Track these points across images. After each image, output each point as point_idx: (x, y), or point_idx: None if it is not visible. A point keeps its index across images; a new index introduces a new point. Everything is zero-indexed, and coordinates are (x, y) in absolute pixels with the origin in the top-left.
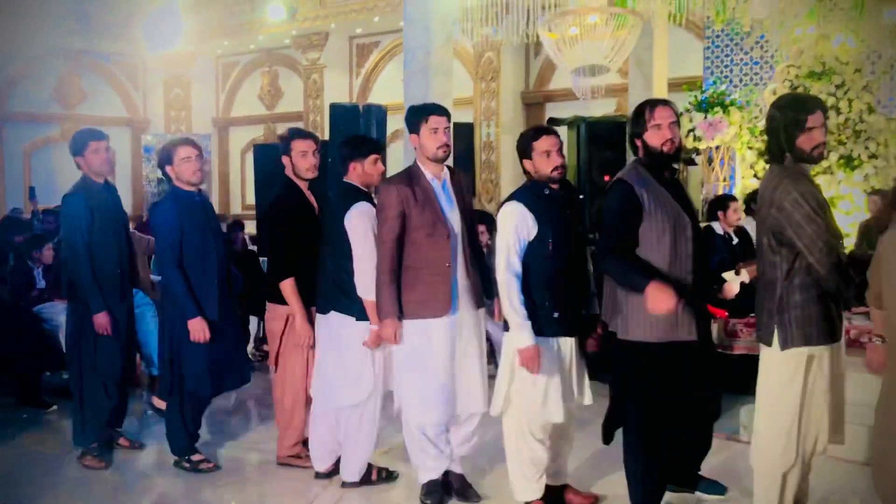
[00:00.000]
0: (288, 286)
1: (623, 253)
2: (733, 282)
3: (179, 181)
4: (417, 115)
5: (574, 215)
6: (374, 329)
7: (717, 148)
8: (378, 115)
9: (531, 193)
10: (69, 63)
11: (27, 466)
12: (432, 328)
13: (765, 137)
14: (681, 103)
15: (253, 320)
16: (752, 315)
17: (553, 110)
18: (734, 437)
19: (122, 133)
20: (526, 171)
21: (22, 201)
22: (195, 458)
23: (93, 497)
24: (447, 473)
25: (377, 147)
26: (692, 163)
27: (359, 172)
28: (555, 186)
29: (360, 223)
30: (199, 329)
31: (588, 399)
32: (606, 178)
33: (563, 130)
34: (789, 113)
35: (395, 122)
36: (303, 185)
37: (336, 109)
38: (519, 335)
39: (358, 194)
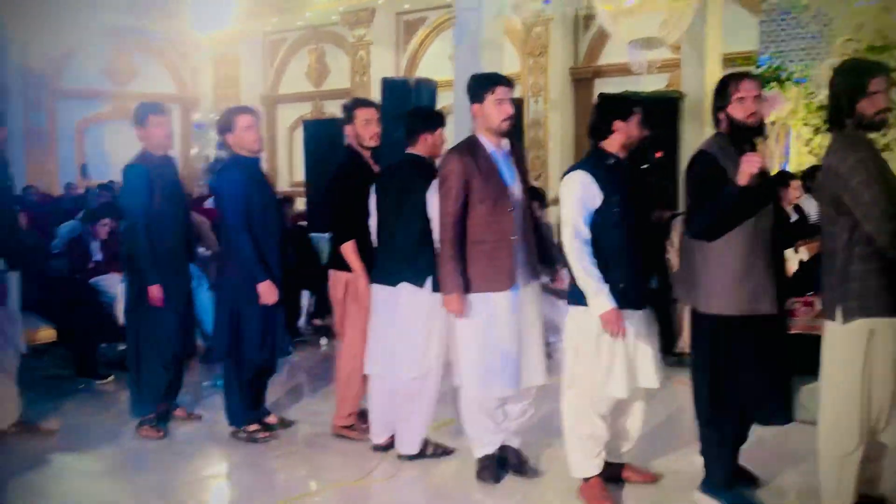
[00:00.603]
0: (349, 248)
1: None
2: (792, 259)
3: (240, 149)
4: (483, 85)
5: (639, 186)
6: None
7: (773, 124)
8: (429, 89)
9: (595, 162)
10: (120, 41)
11: (87, 436)
12: (495, 302)
13: (822, 114)
14: None
15: (302, 297)
16: (811, 294)
17: (602, 86)
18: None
19: (171, 111)
20: (598, 144)
21: (74, 177)
22: (251, 428)
23: (151, 467)
24: (503, 448)
25: (444, 120)
26: None
27: (428, 144)
28: (620, 156)
29: None
30: (268, 292)
31: (654, 381)
32: (658, 154)
33: None
34: (851, 77)
35: (443, 98)
36: (365, 154)
37: (388, 84)
38: (597, 301)
39: (427, 166)
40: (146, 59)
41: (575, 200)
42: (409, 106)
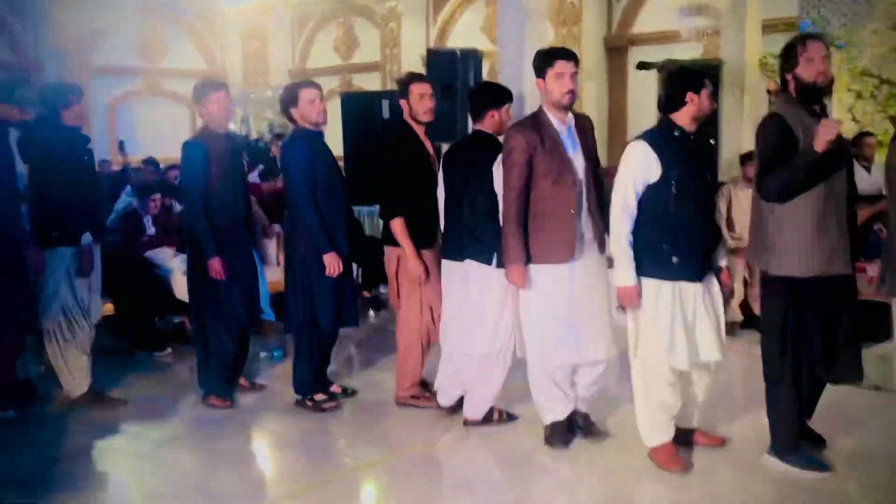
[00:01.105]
0: (398, 225)
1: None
2: None
3: (304, 122)
4: (544, 60)
5: (705, 161)
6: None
7: None
8: (476, 61)
9: (660, 134)
10: (151, 17)
11: (153, 407)
12: (556, 273)
13: (864, 79)
14: (777, 45)
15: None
16: (862, 260)
17: (636, 55)
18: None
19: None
20: (667, 115)
21: (108, 154)
22: (318, 397)
23: (221, 435)
24: (573, 412)
25: (511, 96)
26: None
27: (495, 121)
28: (689, 130)
29: None
30: (333, 263)
31: (715, 354)
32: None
33: (653, 74)
34: None
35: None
36: (419, 130)
37: (434, 56)
38: (620, 273)
39: (494, 143)
40: (176, 35)
41: (629, 171)
42: (456, 77)
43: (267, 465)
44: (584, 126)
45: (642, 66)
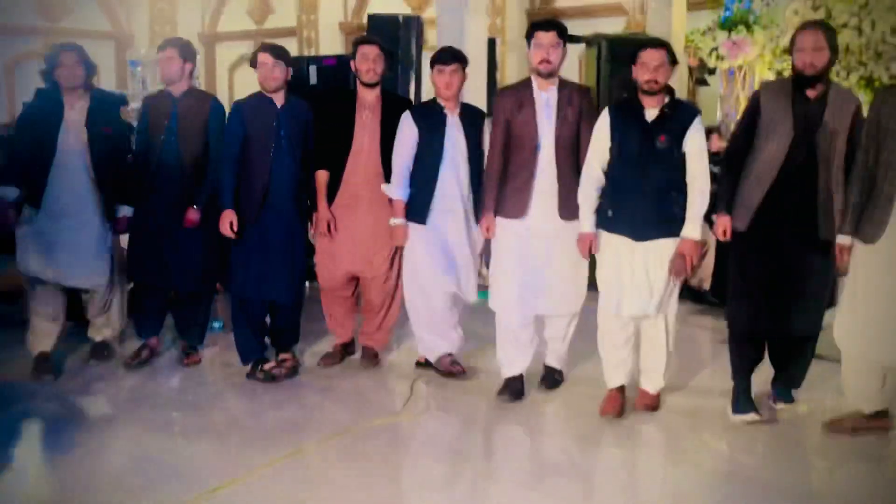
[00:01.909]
0: (319, 176)
1: (729, 162)
2: None
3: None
4: (528, 31)
5: (663, 131)
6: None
7: (740, 68)
8: (418, 27)
9: (623, 104)
10: None
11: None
12: (514, 228)
13: (786, 58)
14: (703, 22)
15: None
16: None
17: None
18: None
19: (105, 47)
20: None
21: (5, 116)
22: (267, 366)
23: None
24: (544, 367)
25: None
26: (704, 83)
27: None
28: (644, 101)
29: None
30: (223, 221)
31: (634, 310)
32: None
33: (581, 48)
34: None
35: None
36: (365, 92)
37: (375, 21)
38: (580, 224)
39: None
40: None
41: (594, 137)
42: (398, 43)
43: (213, 443)
44: (571, 97)
45: (571, 38)
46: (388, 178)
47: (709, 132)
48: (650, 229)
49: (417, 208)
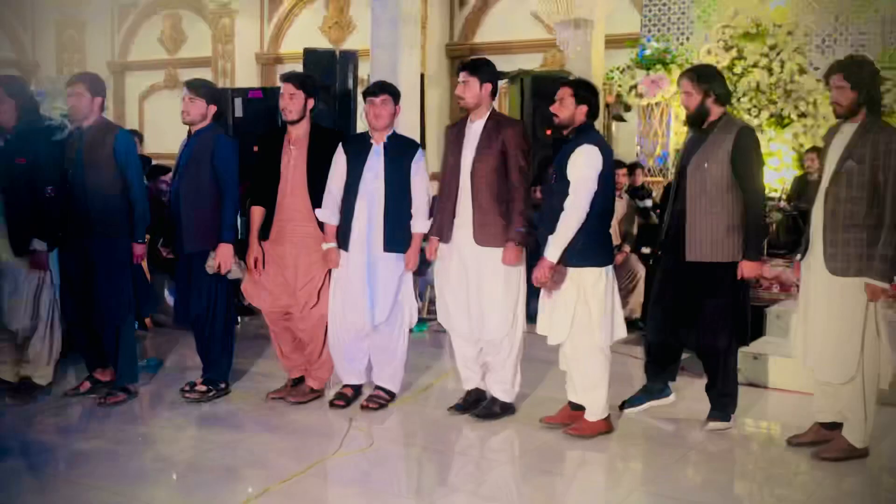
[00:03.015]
0: (252, 213)
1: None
2: None
3: None
4: None
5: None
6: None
7: (657, 104)
8: (353, 62)
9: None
10: None
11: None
12: (441, 250)
13: None
14: (622, 59)
15: None
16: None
17: None
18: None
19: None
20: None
21: None
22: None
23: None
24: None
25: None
26: (620, 119)
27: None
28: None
29: None
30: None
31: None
32: (549, 132)
33: (504, 84)
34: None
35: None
36: (292, 129)
37: (311, 56)
38: (552, 251)
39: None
40: None
41: (594, 173)
42: (334, 78)
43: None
44: (495, 128)
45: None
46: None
47: (633, 167)
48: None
49: (339, 235)
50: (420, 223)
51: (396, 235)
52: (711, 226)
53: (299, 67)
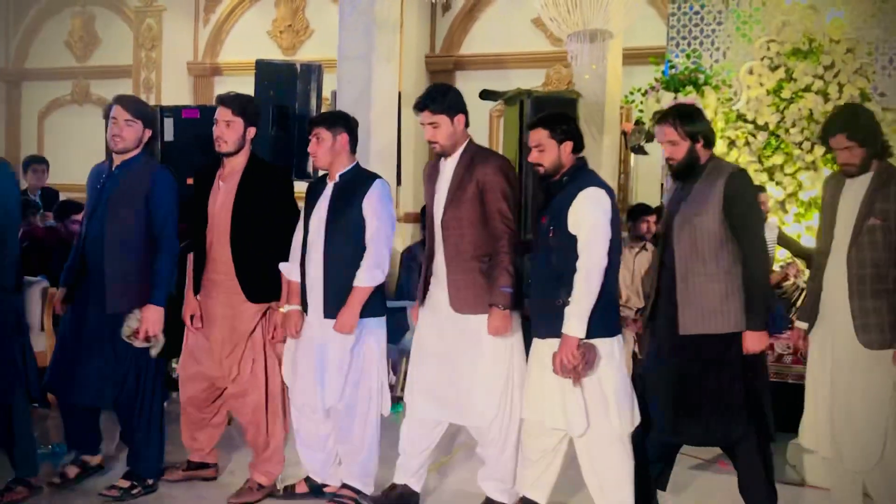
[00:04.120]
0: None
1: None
2: None
3: None
4: None
5: (543, 211)
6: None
7: None
8: (318, 76)
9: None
10: None
11: None
12: (420, 316)
13: (741, 125)
14: (643, 78)
15: None
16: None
17: (465, 80)
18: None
19: None
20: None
21: None
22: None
23: None
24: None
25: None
26: (641, 151)
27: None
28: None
29: None
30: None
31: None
32: None
33: (486, 105)
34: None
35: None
36: (227, 162)
37: (264, 68)
38: (578, 324)
39: None
40: None
41: (606, 220)
42: (294, 97)
43: None
44: (469, 167)
45: (487, 95)
46: (240, 263)
47: (660, 211)
48: (539, 325)
49: (302, 294)
50: (365, 275)
51: (341, 298)
52: (707, 290)
53: (243, 82)
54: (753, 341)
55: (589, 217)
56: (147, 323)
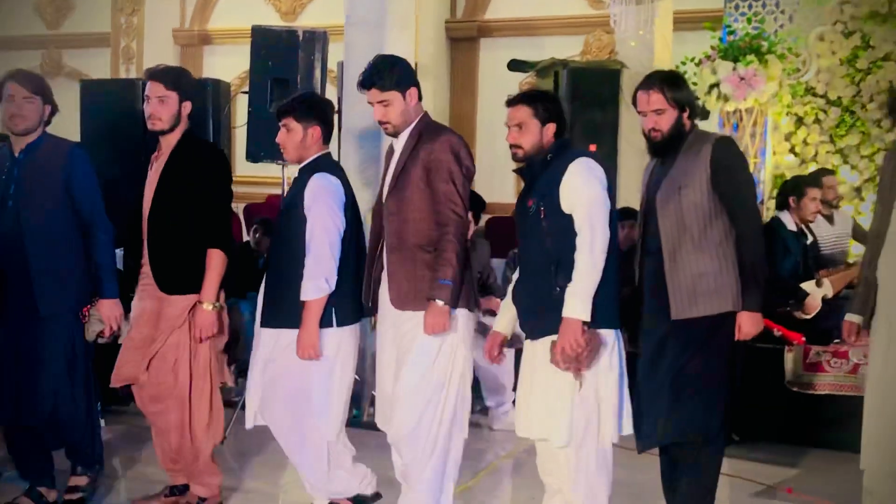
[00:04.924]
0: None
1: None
2: (815, 295)
3: None
4: None
5: (526, 191)
6: None
7: (749, 111)
8: (322, 44)
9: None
10: None
11: None
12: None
13: (809, 99)
14: (697, 46)
15: None
16: (837, 341)
17: (491, 49)
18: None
19: None
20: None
21: None
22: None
23: None
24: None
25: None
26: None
27: None
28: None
29: None
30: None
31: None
32: (593, 147)
33: (515, 76)
34: None
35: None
36: (163, 139)
37: (262, 35)
38: (581, 304)
39: None
40: None
41: (604, 193)
42: (294, 68)
43: None
44: (417, 145)
45: (515, 65)
46: (154, 249)
47: None
48: (531, 325)
49: None
50: (309, 287)
51: (275, 305)
52: (698, 269)
53: (237, 51)
54: (749, 323)
55: (585, 189)
56: (109, 319)
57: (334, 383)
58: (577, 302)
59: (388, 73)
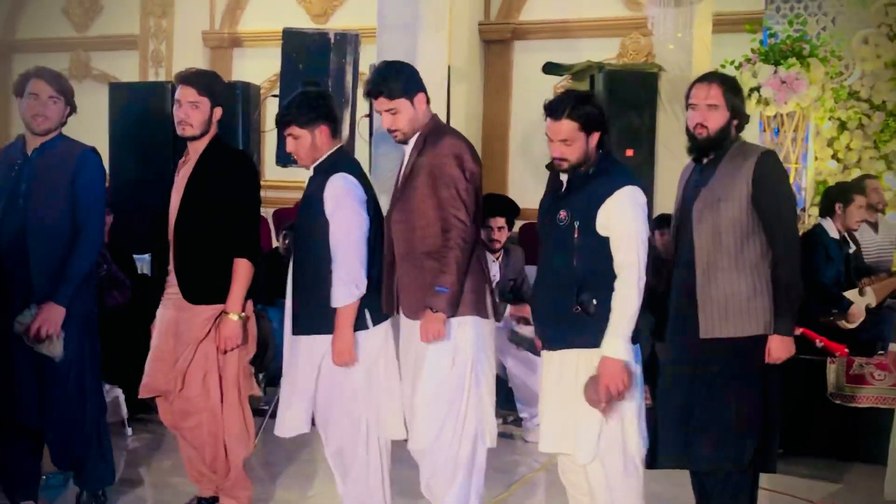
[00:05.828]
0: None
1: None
2: (858, 304)
3: None
4: None
5: (560, 204)
6: None
7: (790, 115)
8: (355, 48)
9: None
10: None
11: None
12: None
13: (853, 104)
14: (737, 49)
15: None
16: (882, 353)
17: (525, 51)
18: None
19: None
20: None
21: None
22: None
23: None
24: None
25: None
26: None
27: None
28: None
29: None
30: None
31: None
32: (630, 152)
33: (550, 80)
34: None
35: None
36: (191, 146)
37: (293, 38)
38: (621, 344)
39: None
40: None
41: (644, 223)
42: (326, 71)
43: None
44: (422, 152)
45: (550, 68)
46: (180, 258)
47: None
48: (549, 334)
49: None
50: (340, 294)
51: (306, 311)
52: (732, 287)
53: (267, 54)
54: (780, 348)
55: (633, 224)
56: (40, 320)
57: (384, 381)
58: (621, 343)
59: (395, 81)
